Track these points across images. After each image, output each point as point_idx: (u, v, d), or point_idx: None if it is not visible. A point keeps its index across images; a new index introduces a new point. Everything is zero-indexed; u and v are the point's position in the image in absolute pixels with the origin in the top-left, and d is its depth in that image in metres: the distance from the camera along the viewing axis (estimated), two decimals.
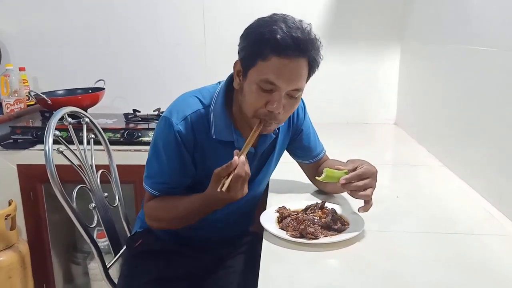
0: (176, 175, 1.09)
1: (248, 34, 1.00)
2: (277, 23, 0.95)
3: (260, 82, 0.97)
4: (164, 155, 1.08)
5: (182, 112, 1.07)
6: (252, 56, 0.97)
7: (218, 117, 1.08)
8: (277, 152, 1.22)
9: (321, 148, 1.30)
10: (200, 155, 1.09)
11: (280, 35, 0.93)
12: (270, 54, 0.94)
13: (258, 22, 0.99)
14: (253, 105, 1.00)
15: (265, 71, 0.96)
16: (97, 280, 2.03)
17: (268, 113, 1.00)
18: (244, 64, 1.00)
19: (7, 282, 1.77)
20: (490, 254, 0.95)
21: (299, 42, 0.94)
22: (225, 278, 1.19)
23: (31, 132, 1.86)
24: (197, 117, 1.07)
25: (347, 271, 0.89)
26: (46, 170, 1.20)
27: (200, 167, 1.11)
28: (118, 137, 1.85)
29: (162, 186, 1.11)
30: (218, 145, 1.09)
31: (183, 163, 1.08)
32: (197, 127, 1.07)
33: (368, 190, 1.00)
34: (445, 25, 1.60)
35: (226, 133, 1.09)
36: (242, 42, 1.01)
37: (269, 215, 1.09)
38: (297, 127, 1.24)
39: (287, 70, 0.96)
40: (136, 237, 1.29)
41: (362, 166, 1.00)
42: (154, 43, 2.19)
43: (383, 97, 2.21)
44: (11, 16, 2.20)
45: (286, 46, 0.93)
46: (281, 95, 0.98)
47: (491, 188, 1.23)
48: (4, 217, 1.76)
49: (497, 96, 1.20)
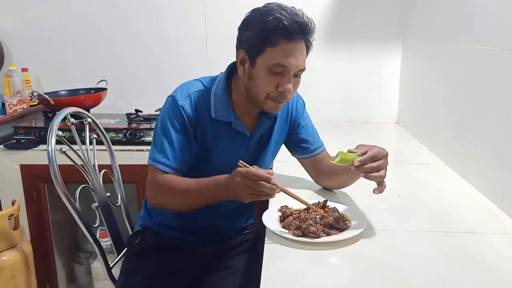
0: (184, 149, 1.13)
1: (251, 24, 1.07)
2: (278, 11, 1.04)
3: (271, 66, 1.05)
4: (172, 129, 1.13)
5: (186, 90, 1.15)
6: (260, 44, 1.05)
7: (218, 98, 1.15)
8: (273, 142, 1.25)
9: (320, 143, 1.32)
10: (201, 132, 1.15)
11: (286, 21, 1.02)
12: (279, 39, 1.03)
13: (258, 12, 1.07)
14: (265, 89, 1.08)
15: (275, 56, 1.04)
16: (100, 279, 2.04)
17: (279, 94, 1.08)
18: (251, 53, 1.07)
19: (10, 282, 1.78)
20: (492, 253, 0.95)
21: (303, 26, 1.05)
22: (226, 277, 1.19)
23: (34, 132, 1.87)
24: (199, 96, 1.15)
25: (349, 269, 0.89)
26: (49, 170, 1.20)
27: (199, 143, 1.16)
28: (120, 137, 1.86)
29: (169, 160, 1.12)
30: (217, 124, 1.16)
31: (188, 137, 1.14)
32: (199, 105, 1.14)
33: (381, 171, 1.02)
34: (446, 24, 1.60)
35: (224, 113, 1.15)
36: (247, 33, 1.08)
37: (271, 214, 1.09)
38: (295, 121, 1.28)
39: (295, 52, 1.05)
40: (135, 236, 1.31)
41: (373, 149, 1.03)
42: (156, 43, 2.19)
43: (384, 96, 2.21)
44: (14, 17, 2.21)
45: (293, 31, 1.03)
46: (290, 76, 1.07)
47: (493, 187, 1.23)
48: (8, 217, 1.77)
49: (498, 95, 1.20)
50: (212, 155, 1.17)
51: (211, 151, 1.16)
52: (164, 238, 1.26)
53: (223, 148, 1.17)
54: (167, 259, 1.22)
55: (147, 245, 1.26)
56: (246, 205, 1.30)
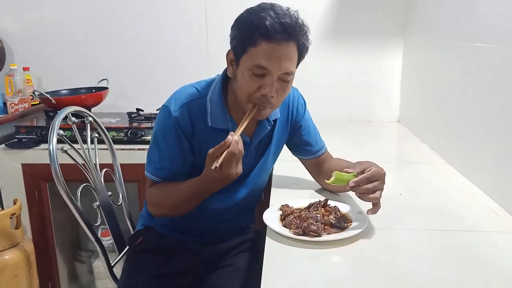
0: (175, 160, 1.13)
1: (238, 23, 1.04)
2: (266, 10, 1.00)
3: (252, 67, 1.01)
4: (163, 142, 1.13)
5: (180, 100, 1.12)
6: (243, 44, 1.01)
7: (215, 105, 1.12)
8: (274, 145, 1.24)
9: (322, 144, 1.31)
10: (198, 142, 1.13)
11: (269, 21, 0.97)
12: (260, 40, 0.98)
13: (247, 12, 1.04)
14: (246, 90, 1.04)
15: (256, 57, 1.00)
16: (102, 278, 2.05)
17: (261, 97, 1.03)
18: (236, 52, 1.04)
19: (12, 281, 1.78)
20: (494, 251, 0.95)
21: (287, 27, 0.98)
22: (228, 276, 1.19)
23: (36, 131, 1.87)
24: (194, 105, 1.12)
25: (350, 268, 0.89)
26: (51, 169, 1.21)
27: (197, 154, 1.15)
28: (121, 136, 1.86)
29: (162, 172, 1.14)
30: (214, 132, 1.12)
31: (182, 149, 1.12)
32: (194, 114, 1.12)
33: (377, 192, 0.99)
34: (448, 21, 1.60)
35: (221, 121, 1.13)
36: (233, 32, 1.05)
37: (272, 213, 1.09)
38: (296, 123, 1.26)
39: (277, 54, 0.99)
40: (137, 235, 1.31)
41: (370, 168, 1.00)
42: (157, 42, 2.19)
43: (386, 94, 2.20)
44: (15, 17, 2.21)
45: (275, 31, 0.97)
46: (273, 79, 1.02)
47: (494, 185, 1.22)
48: (9, 216, 1.77)
49: (500, 93, 1.19)
50: None
51: None
52: (166, 238, 1.27)
53: None
54: (170, 259, 1.23)
55: (150, 245, 1.26)
56: (251, 205, 1.30)
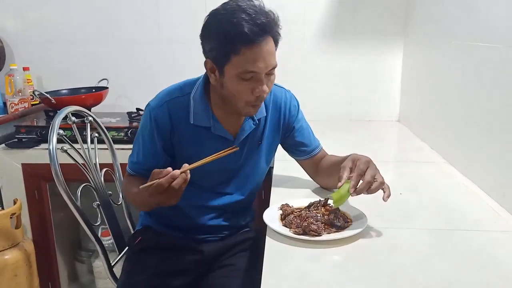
0: (148, 158, 1.17)
1: (212, 33, 1.03)
2: (236, 14, 0.98)
3: (240, 74, 1.02)
4: (141, 138, 1.18)
5: (160, 98, 1.15)
6: (224, 54, 1.01)
7: (197, 103, 1.14)
8: (265, 146, 1.24)
9: (316, 144, 1.31)
10: (178, 140, 1.15)
11: (246, 27, 0.97)
12: (241, 48, 0.98)
13: (216, 18, 1.02)
14: (241, 97, 1.05)
15: (241, 64, 1.00)
16: (102, 278, 2.05)
17: (256, 98, 1.06)
18: (218, 62, 1.04)
19: (12, 280, 1.78)
20: (494, 250, 0.95)
21: (264, 26, 0.99)
22: (228, 275, 1.19)
23: (36, 131, 1.87)
24: (176, 103, 1.14)
25: (350, 268, 0.89)
26: (51, 169, 1.21)
27: (178, 152, 1.17)
28: (121, 136, 1.86)
29: (135, 166, 1.20)
30: (196, 130, 1.15)
31: (154, 148, 1.15)
32: (175, 112, 1.14)
33: (377, 178, 0.99)
34: (448, 21, 1.60)
35: (203, 118, 1.14)
36: (209, 43, 1.04)
37: (272, 212, 1.09)
38: (289, 124, 1.26)
39: (261, 55, 1.00)
40: (136, 235, 1.31)
41: (355, 164, 1.00)
42: (157, 42, 2.19)
43: (386, 94, 2.20)
44: (15, 16, 2.21)
45: (255, 35, 0.97)
46: (262, 77, 1.03)
47: (494, 184, 1.22)
48: (9, 215, 1.77)
49: (500, 93, 1.19)
50: (195, 161, 1.08)
51: (194, 157, 1.09)
52: (165, 237, 1.27)
53: (206, 153, 1.11)
54: (169, 258, 1.23)
55: (148, 245, 1.26)
56: (246, 204, 1.30)
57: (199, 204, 1.23)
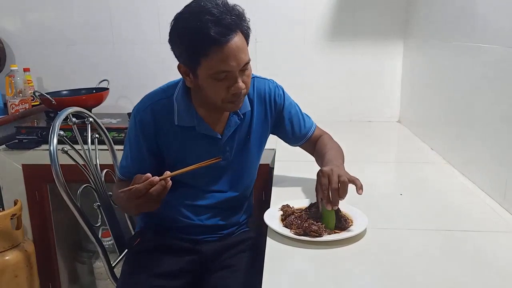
0: (134, 162, 1.19)
1: (179, 38, 1.02)
2: (201, 16, 0.96)
3: (212, 75, 1.01)
4: (128, 142, 1.19)
5: (144, 102, 1.17)
6: (193, 58, 1.01)
7: (180, 103, 1.14)
8: (254, 140, 1.24)
9: (309, 125, 1.32)
10: (164, 142, 1.16)
11: (212, 29, 0.96)
12: (209, 50, 0.97)
13: (181, 23, 1.01)
14: (218, 96, 1.05)
15: (213, 65, 1.00)
16: (102, 279, 2.05)
17: (233, 95, 1.05)
18: (189, 66, 1.04)
19: (13, 281, 1.78)
20: (494, 250, 0.95)
21: (229, 24, 0.97)
22: (228, 276, 1.19)
23: (36, 132, 1.87)
24: (159, 105, 1.15)
25: (351, 268, 0.89)
26: (51, 169, 1.21)
27: (166, 153, 1.18)
28: (122, 136, 1.85)
29: (123, 170, 1.21)
30: (181, 131, 1.15)
31: (141, 151, 1.17)
32: (159, 115, 1.14)
33: (341, 181, 1.01)
34: (448, 22, 1.60)
35: (188, 118, 1.14)
36: (178, 48, 1.04)
37: (273, 213, 1.10)
38: (277, 115, 1.27)
39: (232, 53, 0.99)
40: (136, 236, 1.31)
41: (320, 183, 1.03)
42: (158, 43, 2.19)
43: (386, 95, 2.20)
44: (16, 17, 2.21)
45: (221, 35, 0.96)
46: (236, 75, 1.03)
47: (495, 185, 1.22)
48: (10, 216, 1.77)
49: (500, 93, 1.19)
50: (184, 162, 1.10)
51: (182, 158, 1.13)
52: (164, 238, 1.27)
53: (195, 153, 1.14)
54: (168, 259, 1.23)
55: (148, 246, 1.26)
56: (242, 201, 1.31)
57: (194, 204, 1.23)
